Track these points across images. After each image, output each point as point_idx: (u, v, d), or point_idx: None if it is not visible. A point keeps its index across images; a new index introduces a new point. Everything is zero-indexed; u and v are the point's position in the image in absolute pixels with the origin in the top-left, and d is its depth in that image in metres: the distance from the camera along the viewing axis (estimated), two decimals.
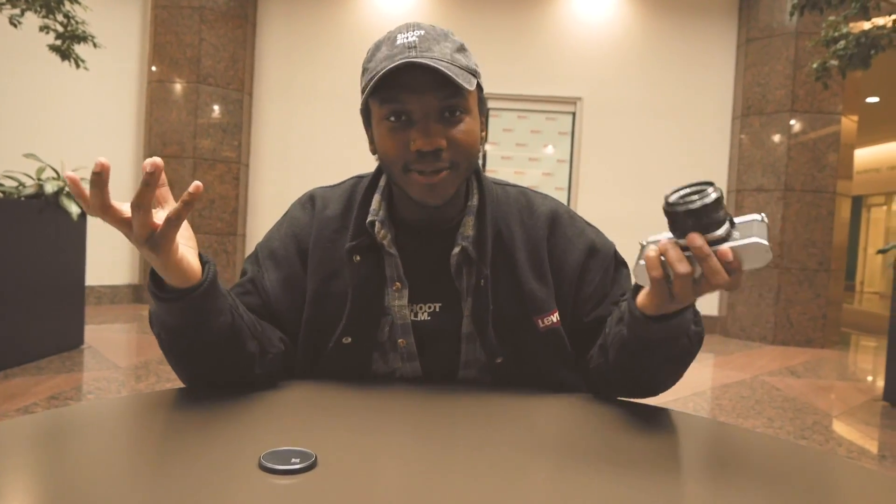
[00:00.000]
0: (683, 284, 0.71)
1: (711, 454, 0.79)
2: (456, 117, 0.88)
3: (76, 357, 3.66)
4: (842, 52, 3.59)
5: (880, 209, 13.76)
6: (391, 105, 0.87)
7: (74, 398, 2.93)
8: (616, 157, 5.96)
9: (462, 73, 0.86)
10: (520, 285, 0.97)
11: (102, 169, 0.65)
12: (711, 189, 0.69)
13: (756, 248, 0.67)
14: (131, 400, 0.85)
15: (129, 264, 5.87)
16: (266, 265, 1.00)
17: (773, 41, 5.45)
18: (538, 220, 1.02)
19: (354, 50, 5.99)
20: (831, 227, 5.36)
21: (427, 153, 0.86)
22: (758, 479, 0.66)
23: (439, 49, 0.87)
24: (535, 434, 0.78)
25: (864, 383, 4.29)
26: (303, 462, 0.60)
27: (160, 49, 5.64)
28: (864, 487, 0.69)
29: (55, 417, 0.78)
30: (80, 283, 3.85)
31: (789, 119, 5.37)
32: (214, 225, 5.78)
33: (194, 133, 5.66)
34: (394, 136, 0.88)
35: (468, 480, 0.61)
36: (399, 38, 0.88)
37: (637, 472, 0.66)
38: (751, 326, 5.55)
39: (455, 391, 0.94)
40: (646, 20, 5.95)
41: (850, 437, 3.06)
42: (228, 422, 0.76)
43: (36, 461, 0.63)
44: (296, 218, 1.04)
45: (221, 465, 0.62)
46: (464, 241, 0.95)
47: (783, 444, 0.82)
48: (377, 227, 0.95)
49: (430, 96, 0.86)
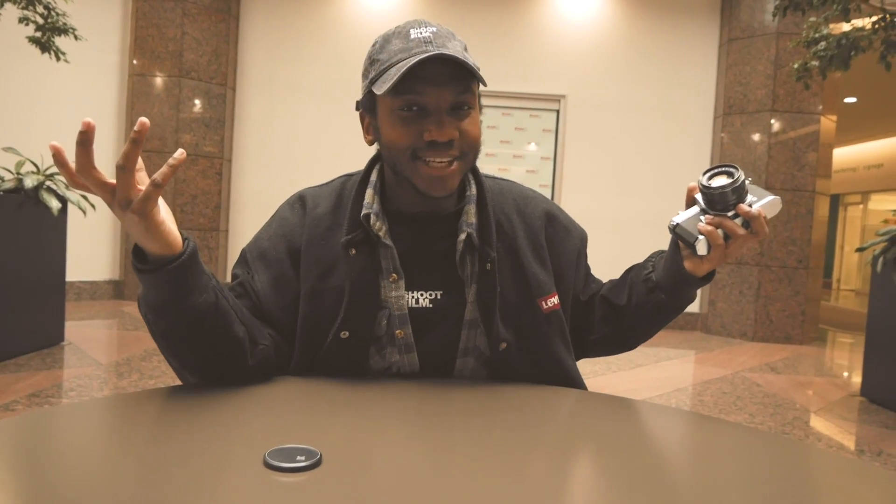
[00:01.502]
0: (740, 244, 0.90)
1: (704, 446, 0.80)
2: (465, 111, 0.92)
3: (56, 354, 3.61)
4: (822, 53, 3.65)
5: (856, 208, 14.00)
6: (407, 96, 0.89)
7: (55, 396, 2.89)
8: (600, 154, 6.00)
9: (475, 70, 0.90)
10: (522, 268, 1.01)
11: (88, 128, 0.67)
12: (737, 171, 0.89)
13: (773, 203, 0.91)
14: (134, 397, 0.84)
15: (109, 260, 5.79)
16: (255, 266, 1.00)
17: (754, 41, 5.52)
18: (535, 210, 1.07)
19: (338, 45, 5.97)
20: (810, 226, 5.44)
21: (440, 143, 0.89)
22: (752, 472, 0.67)
23: (452, 45, 0.90)
24: (535, 428, 0.79)
25: (842, 379, 4.37)
26: (308, 460, 0.60)
27: (142, 42, 5.56)
28: (844, 476, 0.70)
29: (58, 413, 0.77)
30: (60, 279, 3.79)
31: (770, 118, 5.44)
32: (197, 220, 5.72)
33: (176, 128, 5.59)
34: (407, 125, 0.90)
35: (473, 477, 0.62)
36: (412, 32, 0.90)
37: (637, 468, 0.67)
38: (731, 323, 5.62)
39: (455, 386, 0.94)
40: (630, 19, 5.99)
41: (828, 432, 3.12)
42: (232, 419, 0.75)
43: (46, 458, 0.62)
44: (285, 218, 1.03)
45: (226, 463, 0.62)
46: (469, 228, 0.97)
47: (769, 437, 0.84)
48: (372, 220, 0.96)
49: (446, 90, 0.89)
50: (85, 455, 0.64)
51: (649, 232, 5.88)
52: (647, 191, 6.00)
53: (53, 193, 3.53)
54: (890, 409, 3.46)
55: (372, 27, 5.88)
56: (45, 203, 3.45)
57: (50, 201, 3.46)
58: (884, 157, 12.50)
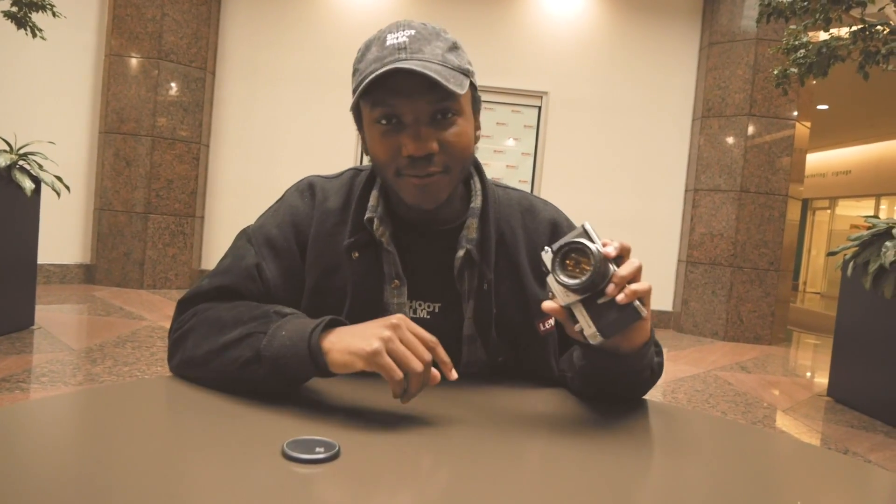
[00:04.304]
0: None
1: (706, 444, 0.82)
2: (448, 119, 0.87)
3: (26, 338, 3.53)
4: (802, 61, 3.72)
5: (824, 213, 14.35)
6: (382, 108, 0.86)
7: (25, 381, 2.83)
8: (580, 151, 6.05)
9: (454, 75, 0.84)
10: (523, 289, 0.98)
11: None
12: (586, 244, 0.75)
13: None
14: (153, 384, 0.83)
15: (80, 243, 5.67)
16: (263, 253, 0.95)
17: (734, 46, 5.60)
18: (540, 225, 1.02)
19: (320, 32, 5.91)
20: (782, 229, 5.56)
21: (418, 158, 0.85)
22: (747, 464, 0.69)
23: (430, 49, 0.85)
24: (549, 424, 0.80)
25: (810, 379, 4.49)
26: (326, 452, 0.60)
27: (119, 22, 5.43)
28: (807, 460, 0.73)
29: (73, 399, 0.76)
30: (32, 262, 3.70)
31: (747, 122, 5.53)
32: (172, 206, 5.63)
33: (153, 110, 5.49)
34: (385, 140, 0.87)
35: (491, 470, 0.62)
36: (389, 38, 0.85)
37: (637, 464, 0.68)
38: (703, 322, 5.73)
39: (468, 382, 0.93)
40: (613, 19, 6.04)
41: (797, 430, 3.20)
42: (251, 410, 0.75)
43: (66, 440, 0.61)
44: (295, 206, 0.99)
45: (245, 453, 0.62)
46: (468, 244, 0.94)
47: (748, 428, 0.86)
48: (376, 224, 0.94)
49: (420, 100, 0.84)
50: (104, 442, 0.63)
51: (625, 231, 5.96)
52: (625, 190, 6.07)
53: (27, 174, 3.43)
54: (855, 409, 3.57)
55: (354, 14, 5.84)
56: (17, 183, 3.36)
57: (23, 182, 3.37)
58: (852, 164, 12.84)
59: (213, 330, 0.83)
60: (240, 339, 0.79)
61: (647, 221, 6.06)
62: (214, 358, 0.80)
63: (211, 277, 0.94)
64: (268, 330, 0.78)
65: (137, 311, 4.57)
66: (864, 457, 2.80)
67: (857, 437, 3.09)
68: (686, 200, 5.99)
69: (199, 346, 0.83)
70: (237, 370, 0.78)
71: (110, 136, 5.47)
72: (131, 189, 5.50)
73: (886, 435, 3.14)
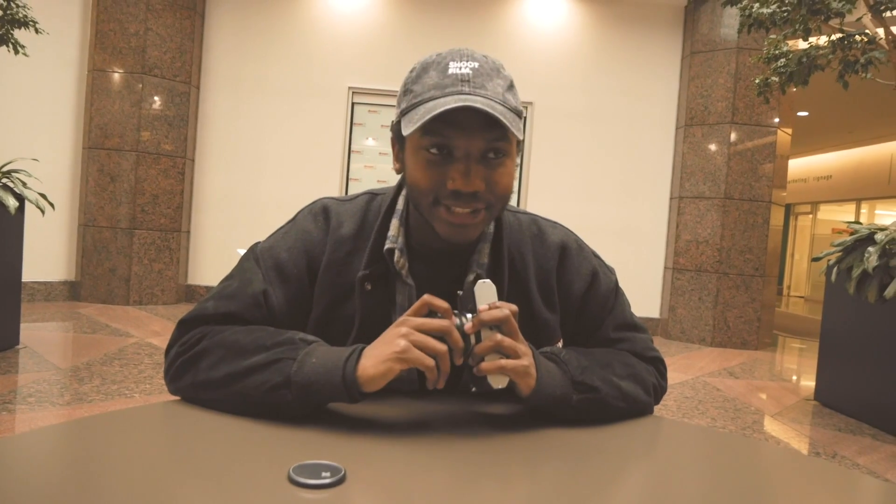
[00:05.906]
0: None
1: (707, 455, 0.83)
2: (498, 160, 0.85)
3: (11, 358, 3.48)
4: (783, 70, 3.78)
5: (806, 217, 14.54)
6: (434, 138, 0.83)
7: (12, 402, 2.79)
8: (565, 161, 6.09)
9: (513, 118, 0.83)
10: (533, 316, 0.97)
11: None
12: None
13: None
14: (158, 408, 0.83)
15: (65, 260, 5.60)
16: (271, 277, 0.93)
17: (715, 55, 5.68)
18: (548, 250, 1.01)
19: (305, 45, 5.92)
20: (766, 235, 5.63)
21: (464, 194, 0.83)
22: (743, 476, 0.70)
23: (492, 86, 0.83)
24: (552, 441, 0.80)
25: (796, 384, 4.53)
26: (333, 476, 0.60)
27: (102, 37, 5.41)
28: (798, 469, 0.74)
29: (75, 426, 0.75)
30: (16, 280, 3.66)
31: (729, 130, 5.60)
32: (158, 221, 5.59)
33: (138, 125, 5.45)
34: (431, 169, 0.84)
35: (499, 496, 0.63)
36: (451, 66, 0.83)
37: (636, 473, 0.69)
38: (690, 329, 5.77)
39: (480, 404, 0.93)
40: (596, 29, 6.10)
41: (786, 435, 3.23)
42: (256, 434, 0.75)
43: (72, 469, 0.61)
44: (308, 231, 0.97)
45: (250, 478, 0.61)
46: (478, 269, 0.94)
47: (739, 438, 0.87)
48: (396, 256, 0.92)
49: (477, 137, 0.82)
50: (105, 467, 0.63)
51: (611, 239, 6.01)
52: (610, 198, 6.12)
53: (10, 192, 3.40)
54: (842, 412, 3.60)
55: (340, 27, 5.86)
56: (1, 202, 3.33)
57: (7, 200, 3.33)
58: (833, 169, 13.02)
59: (231, 353, 0.83)
60: (266, 364, 0.80)
61: (633, 229, 6.11)
62: (236, 381, 0.80)
63: (216, 300, 0.92)
64: (296, 356, 0.79)
65: (124, 328, 4.53)
66: (852, 460, 2.83)
67: (845, 441, 3.12)
68: (671, 208, 6.05)
69: (216, 368, 0.82)
70: (263, 394, 0.79)
71: (94, 151, 5.43)
72: (116, 205, 5.46)
73: (873, 438, 3.18)
